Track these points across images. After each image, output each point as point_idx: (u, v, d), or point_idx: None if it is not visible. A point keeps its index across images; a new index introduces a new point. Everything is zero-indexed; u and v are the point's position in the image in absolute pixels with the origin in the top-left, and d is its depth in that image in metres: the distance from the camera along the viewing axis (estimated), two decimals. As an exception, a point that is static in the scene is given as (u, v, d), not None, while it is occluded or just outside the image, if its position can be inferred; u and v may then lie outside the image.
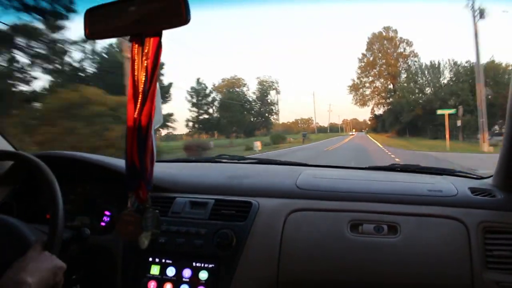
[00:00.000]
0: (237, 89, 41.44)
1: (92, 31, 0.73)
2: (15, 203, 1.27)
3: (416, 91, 37.36)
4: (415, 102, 35.47)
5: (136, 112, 0.72)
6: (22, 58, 8.58)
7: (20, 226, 0.95)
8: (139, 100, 0.71)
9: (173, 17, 0.67)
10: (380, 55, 48.29)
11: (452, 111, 21.59)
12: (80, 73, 12.97)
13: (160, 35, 0.70)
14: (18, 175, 1.30)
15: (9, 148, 1.36)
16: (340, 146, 23.52)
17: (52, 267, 0.79)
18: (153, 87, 0.71)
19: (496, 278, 0.97)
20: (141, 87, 0.71)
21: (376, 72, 48.87)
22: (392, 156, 13.65)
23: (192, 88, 38.66)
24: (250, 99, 42.99)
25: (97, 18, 0.73)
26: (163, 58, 0.77)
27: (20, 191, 1.32)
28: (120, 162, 1.34)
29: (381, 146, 21.25)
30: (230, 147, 26.54)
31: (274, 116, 43.59)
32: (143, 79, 0.71)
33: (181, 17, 0.66)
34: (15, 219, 0.97)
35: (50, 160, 1.06)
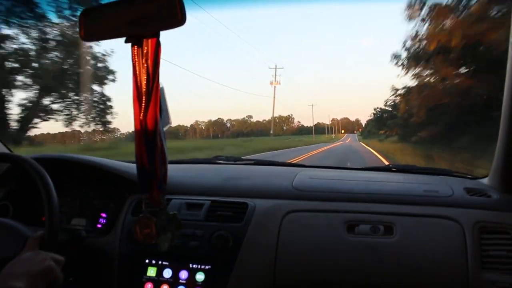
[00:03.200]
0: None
1: (87, 33, 0.73)
2: (10, 205, 1.27)
3: None
4: None
5: (142, 114, 0.72)
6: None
7: (15, 224, 0.95)
8: (143, 101, 0.72)
9: (168, 18, 0.67)
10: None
11: None
12: None
13: (158, 35, 0.70)
14: (14, 177, 1.30)
15: (4, 150, 1.35)
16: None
17: (43, 268, 0.79)
18: (156, 87, 0.72)
19: (492, 278, 0.97)
20: (144, 88, 0.71)
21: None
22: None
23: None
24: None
25: (92, 19, 0.73)
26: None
27: (16, 193, 1.31)
28: (116, 164, 1.34)
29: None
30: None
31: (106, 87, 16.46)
32: (145, 79, 0.71)
33: (176, 18, 0.66)
34: (10, 220, 0.97)
35: (46, 162, 1.06)
